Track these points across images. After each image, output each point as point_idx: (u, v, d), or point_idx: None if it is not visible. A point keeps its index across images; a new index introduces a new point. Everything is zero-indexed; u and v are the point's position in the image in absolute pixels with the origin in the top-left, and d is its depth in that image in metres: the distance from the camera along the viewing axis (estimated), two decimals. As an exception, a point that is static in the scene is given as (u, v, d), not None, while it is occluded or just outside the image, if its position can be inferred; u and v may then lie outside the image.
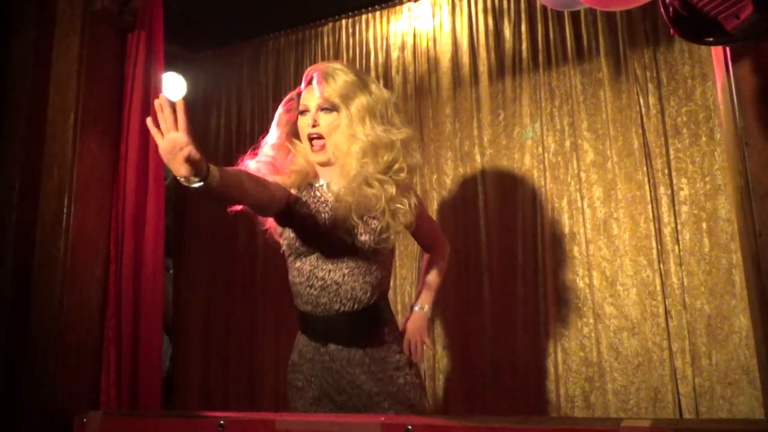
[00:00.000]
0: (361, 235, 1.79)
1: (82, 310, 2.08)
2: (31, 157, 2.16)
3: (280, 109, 1.98)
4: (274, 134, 1.96)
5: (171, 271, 3.60)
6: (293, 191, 1.87)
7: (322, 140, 1.86)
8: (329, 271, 1.80)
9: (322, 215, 1.82)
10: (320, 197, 1.87)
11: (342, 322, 1.80)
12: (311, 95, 1.88)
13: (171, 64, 3.50)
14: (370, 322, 1.84)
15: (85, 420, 1.69)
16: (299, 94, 1.94)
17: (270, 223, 1.95)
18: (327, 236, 1.81)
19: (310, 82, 1.91)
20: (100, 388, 2.08)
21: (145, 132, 2.30)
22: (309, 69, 1.93)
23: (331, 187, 1.88)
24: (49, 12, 2.25)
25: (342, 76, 1.85)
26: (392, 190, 1.78)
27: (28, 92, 2.20)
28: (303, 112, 1.90)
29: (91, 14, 2.23)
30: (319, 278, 1.80)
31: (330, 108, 1.84)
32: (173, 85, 3.63)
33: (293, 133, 1.96)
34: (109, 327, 2.11)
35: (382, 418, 1.47)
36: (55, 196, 2.12)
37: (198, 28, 3.53)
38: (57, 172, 2.13)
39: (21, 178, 2.15)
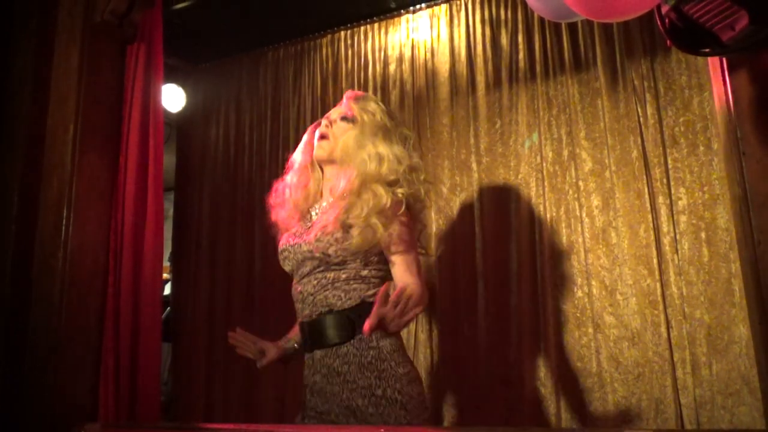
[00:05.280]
0: (334, 246, 1.80)
1: (81, 321, 2.07)
2: (30, 169, 2.17)
3: (305, 137, 2.05)
4: (298, 158, 2.04)
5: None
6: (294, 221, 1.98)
7: (329, 140, 1.93)
8: (304, 284, 1.86)
9: (303, 237, 1.89)
10: (311, 221, 1.94)
11: (322, 324, 1.80)
12: (336, 109, 1.98)
13: (171, 76, 3.53)
14: (351, 322, 1.78)
15: (83, 432, 1.69)
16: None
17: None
18: (304, 257, 1.87)
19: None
20: (98, 400, 2.07)
21: (144, 144, 2.32)
22: (346, 92, 2.04)
23: (322, 210, 1.94)
24: (49, 24, 2.26)
25: (373, 104, 1.95)
26: (386, 201, 1.78)
27: (28, 103, 2.20)
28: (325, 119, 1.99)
29: (91, 26, 2.24)
30: (299, 292, 1.87)
31: (350, 119, 1.92)
32: (173, 97, 3.65)
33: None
34: (108, 338, 2.11)
35: (382, 430, 1.46)
36: (54, 207, 2.12)
37: (197, 40, 3.55)
38: (56, 184, 2.13)
39: (20, 190, 2.15)
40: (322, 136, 1.94)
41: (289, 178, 2.01)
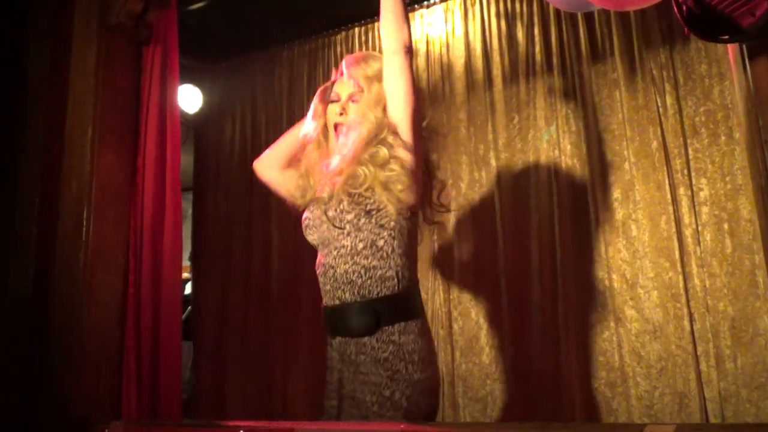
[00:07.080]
0: (345, 212, 1.70)
1: (102, 320, 2.10)
2: (49, 171, 2.19)
3: (315, 100, 1.95)
4: (309, 125, 1.93)
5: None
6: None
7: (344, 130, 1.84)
8: (325, 255, 1.74)
9: (318, 204, 1.79)
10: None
11: (347, 312, 1.68)
12: (343, 84, 1.87)
13: (186, 76, 3.54)
14: (375, 314, 1.65)
15: (107, 431, 1.70)
16: (333, 83, 1.91)
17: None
18: (321, 221, 1.75)
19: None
20: (120, 399, 2.09)
21: (162, 144, 2.33)
22: (345, 57, 1.94)
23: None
24: (65, 27, 2.28)
25: (374, 63, 1.84)
26: (384, 153, 1.70)
27: (45, 106, 2.22)
28: (334, 101, 1.88)
29: (106, 28, 2.26)
30: (322, 264, 1.75)
31: (358, 98, 1.82)
32: (189, 97, 3.67)
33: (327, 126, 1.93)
34: (129, 337, 2.13)
35: (402, 426, 1.46)
36: (74, 208, 2.14)
37: (212, 40, 3.57)
38: (75, 185, 2.16)
39: (40, 192, 2.18)
40: (341, 126, 1.84)
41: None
